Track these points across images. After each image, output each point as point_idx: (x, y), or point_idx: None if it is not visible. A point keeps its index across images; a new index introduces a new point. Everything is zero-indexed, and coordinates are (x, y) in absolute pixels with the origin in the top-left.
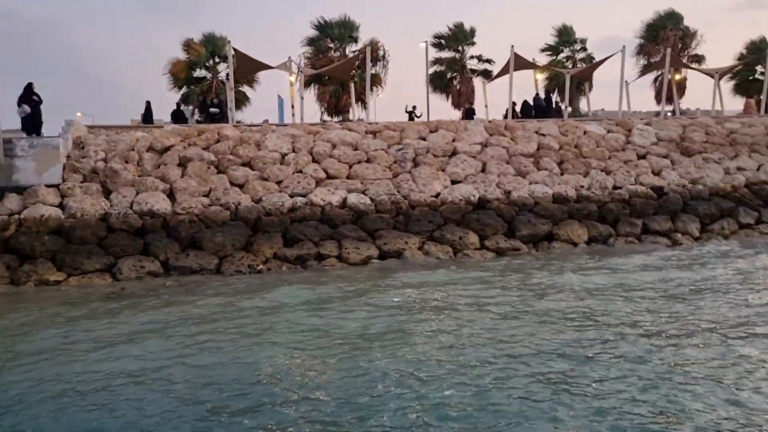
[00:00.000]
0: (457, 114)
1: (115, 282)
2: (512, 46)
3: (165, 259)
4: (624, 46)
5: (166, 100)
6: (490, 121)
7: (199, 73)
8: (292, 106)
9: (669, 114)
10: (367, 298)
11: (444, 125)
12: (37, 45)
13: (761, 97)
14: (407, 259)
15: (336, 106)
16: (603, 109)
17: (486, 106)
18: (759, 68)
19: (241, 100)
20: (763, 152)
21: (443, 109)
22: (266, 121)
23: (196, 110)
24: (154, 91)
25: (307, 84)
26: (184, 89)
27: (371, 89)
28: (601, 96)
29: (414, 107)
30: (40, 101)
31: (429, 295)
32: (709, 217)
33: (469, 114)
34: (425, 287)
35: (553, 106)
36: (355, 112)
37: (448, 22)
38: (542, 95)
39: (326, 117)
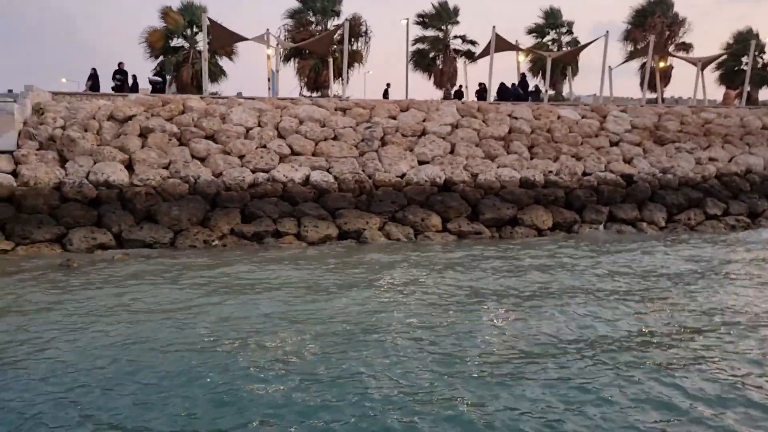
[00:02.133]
0: (439, 94)
1: (64, 253)
2: (494, 27)
3: (118, 232)
4: (607, 32)
5: (147, 68)
6: (463, 102)
7: (177, 42)
8: (269, 80)
9: (660, 101)
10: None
11: (416, 104)
12: (27, 7)
13: (745, 89)
14: (367, 239)
15: (315, 82)
16: (595, 95)
17: (466, 87)
18: (744, 59)
19: (218, 73)
20: (736, 144)
21: (425, 88)
22: (239, 93)
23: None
24: (137, 59)
25: (287, 58)
26: (160, 58)
27: (351, 66)
28: (590, 81)
29: (388, 84)
30: None
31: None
32: (676, 207)
33: (458, 95)
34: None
35: (531, 89)
36: (333, 87)
37: (433, 0)
38: (521, 78)
39: (305, 92)
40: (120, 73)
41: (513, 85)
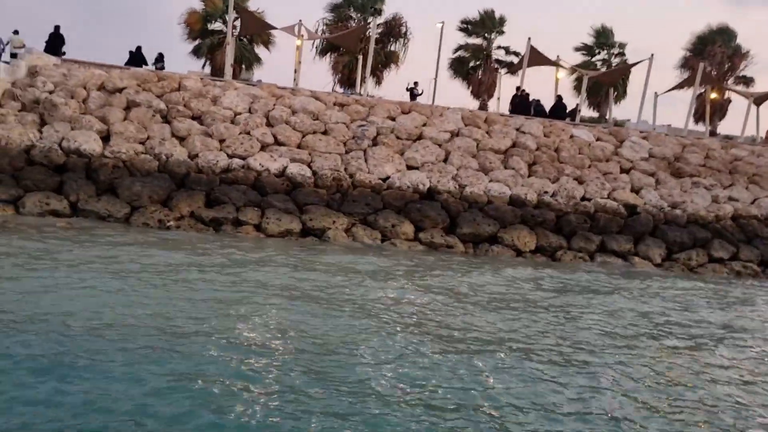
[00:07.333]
0: (475, 104)
1: (16, 215)
2: (528, 39)
3: (75, 200)
4: (652, 54)
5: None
6: (471, 111)
7: (215, 26)
8: (295, 71)
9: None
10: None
11: (418, 108)
12: None
13: None
14: (329, 238)
15: (349, 78)
16: (670, 125)
17: (498, 99)
18: None
19: (252, 60)
20: (764, 185)
21: (463, 96)
22: (259, 81)
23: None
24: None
25: (323, 52)
26: (198, 41)
27: (387, 66)
28: (647, 107)
29: (415, 83)
30: None
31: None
32: (678, 245)
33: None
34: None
35: (566, 110)
36: (367, 86)
37: (479, 7)
38: (557, 99)
39: (338, 88)
40: None
41: (537, 101)
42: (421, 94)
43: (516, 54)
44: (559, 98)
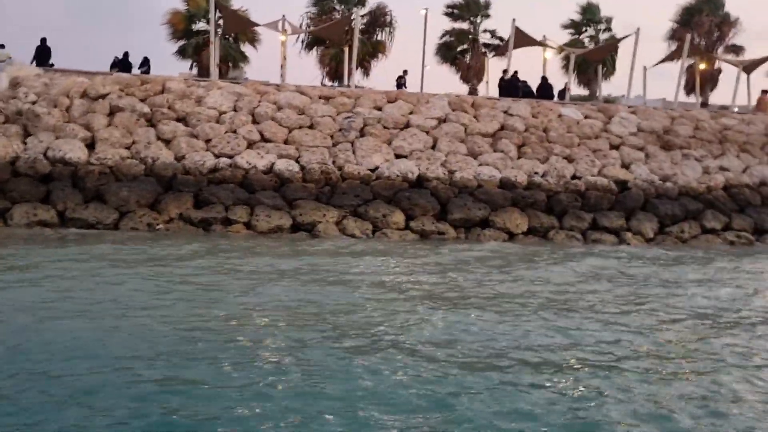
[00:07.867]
0: (465, 89)
1: (3, 227)
2: (513, 20)
3: (63, 210)
4: (638, 29)
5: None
6: (458, 96)
7: (199, 26)
8: (282, 67)
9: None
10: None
11: (405, 96)
12: None
13: None
14: (320, 232)
15: (337, 71)
16: (664, 99)
17: (487, 82)
18: None
19: (238, 58)
20: (755, 153)
21: (449, 82)
22: (246, 79)
23: None
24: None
25: (309, 46)
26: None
27: (374, 56)
28: (636, 82)
29: (405, 71)
30: None
31: None
32: (670, 218)
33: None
34: None
35: (552, 90)
36: (346, 77)
37: None
38: (543, 80)
39: (327, 81)
40: None
41: (524, 82)
42: (406, 87)
43: (501, 39)
44: (544, 79)
